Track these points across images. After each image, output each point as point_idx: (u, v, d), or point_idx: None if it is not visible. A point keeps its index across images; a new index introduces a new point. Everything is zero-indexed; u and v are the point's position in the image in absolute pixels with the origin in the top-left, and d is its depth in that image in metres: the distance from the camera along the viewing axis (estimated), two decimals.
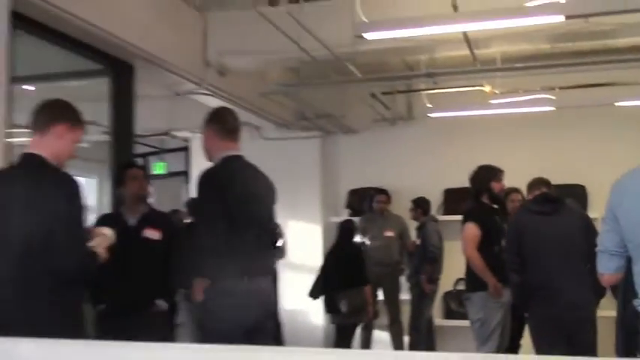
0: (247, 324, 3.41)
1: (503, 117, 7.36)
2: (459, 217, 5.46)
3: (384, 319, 7.45)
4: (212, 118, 3.67)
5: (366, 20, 4.53)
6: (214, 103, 6.09)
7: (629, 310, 2.74)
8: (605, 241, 2.84)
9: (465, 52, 5.67)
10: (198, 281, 3.46)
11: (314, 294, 6.66)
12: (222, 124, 3.63)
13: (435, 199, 7.82)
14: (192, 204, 6.38)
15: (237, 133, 3.66)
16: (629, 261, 2.74)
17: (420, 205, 7.24)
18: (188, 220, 6.26)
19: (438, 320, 7.64)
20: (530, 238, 4.65)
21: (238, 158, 3.62)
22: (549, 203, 4.66)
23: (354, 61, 5.79)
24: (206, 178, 3.51)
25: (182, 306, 5.16)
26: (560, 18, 4.06)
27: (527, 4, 4.28)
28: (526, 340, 5.80)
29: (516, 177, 6.18)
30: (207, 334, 3.52)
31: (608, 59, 6.12)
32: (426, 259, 6.95)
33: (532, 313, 4.83)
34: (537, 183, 4.97)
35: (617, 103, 5.94)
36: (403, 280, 7.48)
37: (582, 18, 4.67)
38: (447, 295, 7.62)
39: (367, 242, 7.40)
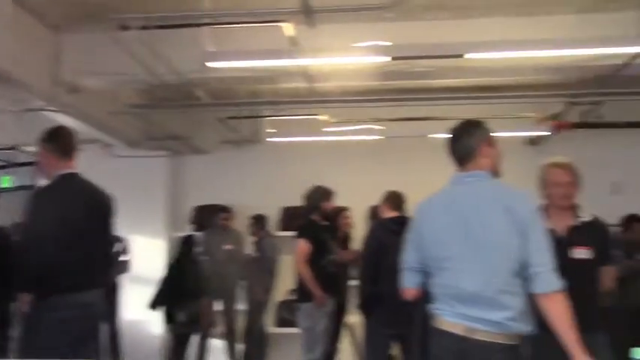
0: (73, 336, 3.36)
1: (336, 143, 7.71)
2: (294, 233, 5.61)
3: (220, 328, 7.44)
4: (48, 137, 3.59)
5: (213, 50, 4.55)
6: (65, 120, 5.84)
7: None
8: (408, 258, 2.96)
9: (305, 84, 5.85)
10: (24, 295, 3.36)
11: (153, 305, 6.51)
12: (58, 143, 3.56)
13: (274, 216, 7.98)
14: (23, 220, 6.02)
15: (73, 152, 3.60)
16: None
17: (258, 221, 7.33)
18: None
19: (272, 328, 7.73)
20: (386, 253, 4.70)
21: (73, 176, 3.57)
22: (403, 225, 4.68)
23: (203, 86, 5.79)
24: (39, 195, 3.43)
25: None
26: (387, 59, 4.31)
27: (358, 45, 4.50)
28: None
29: (347, 197, 6.48)
30: (32, 346, 3.38)
31: (425, 97, 6.58)
32: (261, 272, 7.03)
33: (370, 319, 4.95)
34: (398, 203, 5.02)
35: (430, 135, 6.36)
36: (240, 291, 7.50)
37: (405, 60, 4.98)
38: (281, 305, 7.73)
39: (206, 256, 7.35)
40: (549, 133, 7.15)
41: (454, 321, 2.68)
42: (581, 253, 3.54)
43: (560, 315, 2.58)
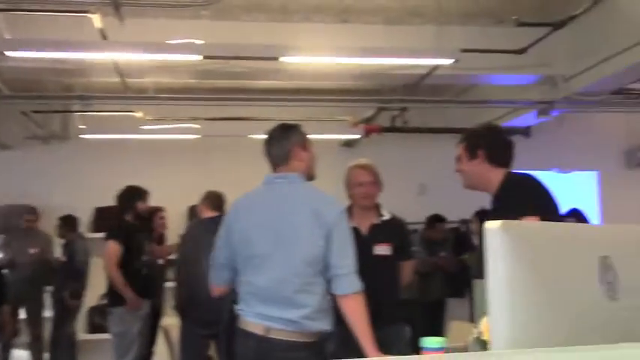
0: None
1: (153, 142, 7.47)
2: (105, 234, 5.35)
3: (25, 337, 6.91)
4: None
5: (9, 37, 4.20)
6: None
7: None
8: (217, 255, 2.96)
9: (118, 79, 5.60)
10: None
11: None
12: None
13: (86, 217, 7.55)
14: None
15: None
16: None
17: (67, 223, 6.89)
18: None
19: (82, 335, 7.31)
20: (201, 252, 4.57)
21: None
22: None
23: (1, 76, 5.31)
24: None
25: None
26: (199, 57, 4.25)
27: (170, 42, 4.38)
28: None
29: (164, 197, 6.30)
30: None
31: (244, 97, 6.60)
32: (70, 276, 6.63)
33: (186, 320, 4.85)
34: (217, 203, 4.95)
35: (250, 135, 6.38)
36: (47, 297, 7.02)
37: (218, 59, 4.94)
38: (92, 310, 7.33)
39: (9, 260, 6.80)
40: (361, 136, 7.48)
41: (254, 321, 2.71)
42: (382, 249, 3.73)
43: (357, 316, 2.68)
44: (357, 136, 7.70)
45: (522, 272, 1.05)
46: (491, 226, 1.06)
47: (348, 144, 8.28)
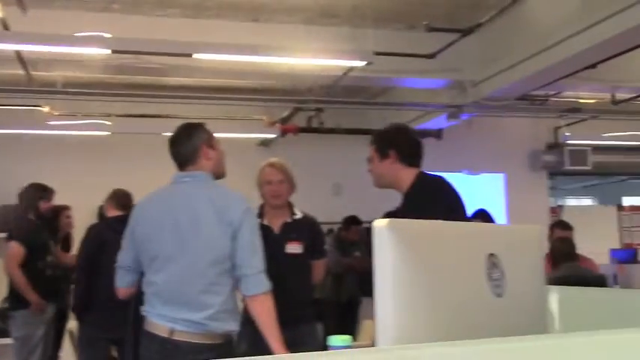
0: None
1: (61, 138, 7.19)
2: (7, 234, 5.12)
3: None
4: None
5: None
6: None
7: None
8: (123, 257, 2.88)
9: (22, 71, 5.36)
10: None
11: None
12: None
13: None
14: None
15: None
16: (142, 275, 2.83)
17: None
18: None
19: None
20: (107, 254, 4.41)
21: None
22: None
23: None
24: None
25: None
26: (107, 51, 4.12)
27: (77, 34, 4.23)
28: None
29: (72, 195, 6.07)
30: None
31: (157, 94, 6.45)
32: None
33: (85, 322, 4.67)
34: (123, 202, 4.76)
35: (163, 133, 6.23)
36: None
37: (129, 54, 4.81)
38: None
39: None
40: (277, 136, 7.48)
41: (159, 322, 2.65)
42: (293, 248, 3.73)
43: (265, 316, 2.66)
44: (274, 136, 7.69)
45: (409, 269, 1.07)
46: (378, 224, 1.07)
47: (265, 144, 8.26)
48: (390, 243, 1.05)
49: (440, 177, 2.86)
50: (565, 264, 4.53)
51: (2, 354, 6.32)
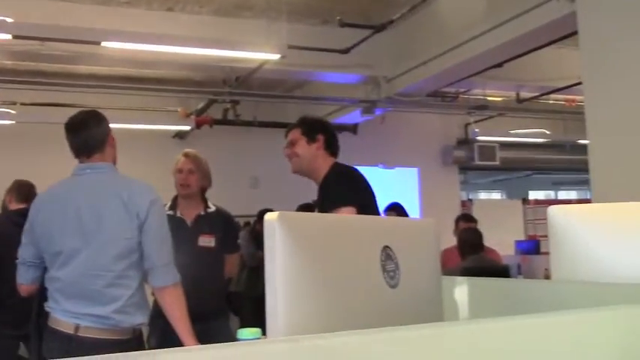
0: None
1: None
2: None
3: None
4: None
5: None
6: None
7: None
8: (24, 253, 2.76)
9: None
10: None
11: None
12: None
13: None
14: None
15: None
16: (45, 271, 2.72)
17: None
18: None
19: None
20: (8, 248, 4.20)
21: None
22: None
23: None
24: None
25: None
26: (8, 37, 3.93)
27: None
28: None
29: None
30: None
31: (66, 82, 6.21)
32: None
33: None
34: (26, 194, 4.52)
35: None
36: None
37: (33, 40, 4.60)
38: None
39: None
40: (192, 128, 7.36)
41: (63, 318, 2.56)
42: (206, 241, 3.68)
43: (175, 308, 2.61)
44: (189, 128, 7.57)
45: (300, 262, 1.07)
46: (269, 217, 1.07)
47: (180, 136, 8.11)
48: (280, 236, 1.04)
49: (352, 168, 2.91)
50: (471, 256, 4.68)
51: None
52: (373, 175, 2.97)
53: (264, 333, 1.26)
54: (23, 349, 4.59)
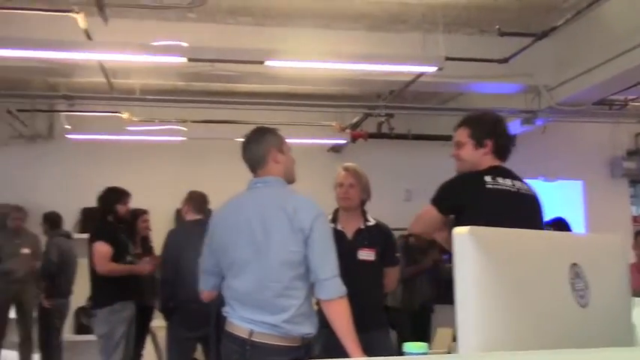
0: None
1: (138, 143, 7.42)
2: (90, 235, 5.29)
3: (14, 337, 6.82)
4: None
5: None
6: None
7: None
8: (204, 262, 2.94)
9: (103, 79, 5.56)
10: None
11: None
12: None
13: (74, 217, 7.50)
14: None
15: None
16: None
17: (48, 220, 6.78)
18: None
19: (69, 335, 7.23)
20: (185, 256, 4.51)
21: None
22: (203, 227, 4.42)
23: None
24: None
25: None
26: (183, 59, 4.22)
27: (155, 44, 4.35)
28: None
29: (149, 199, 6.27)
30: None
31: (231, 100, 6.57)
32: (43, 275, 6.53)
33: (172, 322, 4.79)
34: (200, 205, 4.86)
35: (237, 139, 6.33)
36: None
37: (203, 62, 4.91)
38: (79, 311, 7.27)
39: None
40: (347, 142, 7.48)
41: (239, 324, 2.70)
42: (366, 254, 3.71)
43: (341, 319, 2.66)
44: (344, 142, 7.70)
45: (490, 277, 1.04)
46: (459, 231, 1.05)
47: (336, 149, 8.28)
48: (471, 250, 1.02)
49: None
50: None
51: (89, 349, 6.59)
52: (533, 187, 2.81)
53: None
54: (199, 352, 4.91)
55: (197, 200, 4.87)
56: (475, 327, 1.02)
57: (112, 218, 5.24)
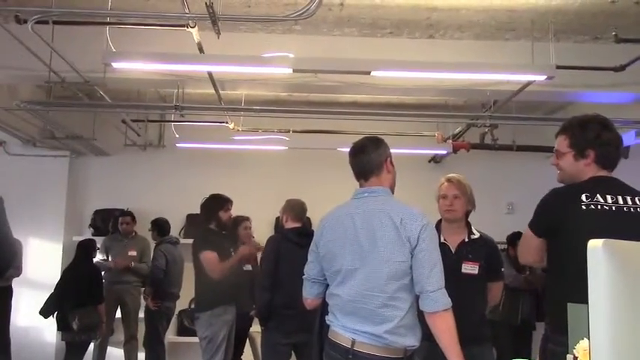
0: None
1: (243, 152, 7.64)
2: (195, 243, 5.46)
3: (120, 336, 7.18)
4: None
5: (114, 50, 4.41)
6: None
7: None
8: (309, 270, 2.98)
9: (212, 91, 5.77)
10: None
11: (45, 312, 6.21)
12: None
13: (179, 223, 7.83)
14: None
15: None
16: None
17: (156, 226, 7.09)
18: None
19: (172, 337, 7.52)
20: (283, 263, 4.62)
21: None
22: (305, 237, 4.40)
23: (105, 86, 5.58)
24: None
25: None
26: (289, 70, 4.32)
27: (263, 55, 4.48)
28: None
29: (251, 206, 6.43)
30: None
31: (333, 110, 6.63)
32: (150, 278, 6.82)
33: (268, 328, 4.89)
34: (299, 214, 4.93)
35: (339, 148, 6.40)
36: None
37: (308, 73, 5.00)
38: (182, 313, 7.56)
39: (108, 262, 7.12)
40: (447, 152, 7.37)
41: (342, 333, 2.72)
42: (469, 268, 3.64)
43: (445, 332, 2.63)
44: (445, 152, 7.59)
45: (624, 291, 1.00)
46: (593, 244, 1.01)
47: (436, 160, 8.19)
48: (604, 264, 0.98)
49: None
50: None
51: (191, 350, 6.85)
52: None
53: None
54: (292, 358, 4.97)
55: (296, 209, 4.94)
56: (608, 342, 0.98)
57: (215, 225, 5.39)
